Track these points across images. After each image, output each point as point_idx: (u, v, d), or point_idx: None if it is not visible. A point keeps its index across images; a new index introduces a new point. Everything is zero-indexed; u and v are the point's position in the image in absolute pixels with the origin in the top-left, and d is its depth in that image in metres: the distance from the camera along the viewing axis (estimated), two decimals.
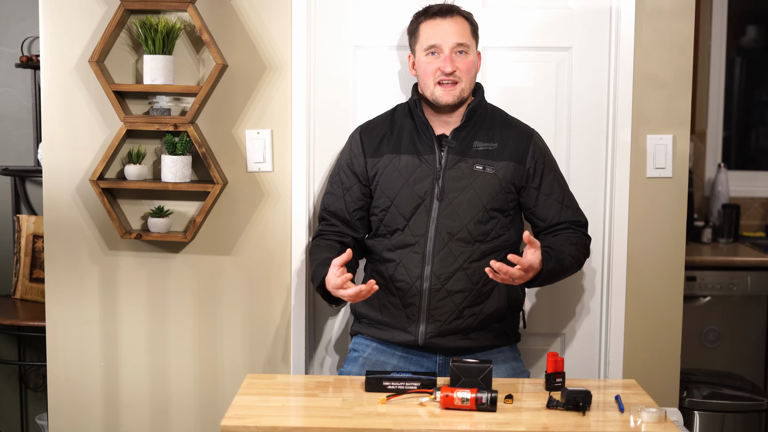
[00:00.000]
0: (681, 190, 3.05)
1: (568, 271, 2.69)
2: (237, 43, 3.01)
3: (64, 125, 3.06)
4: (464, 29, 2.69)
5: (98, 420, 3.15)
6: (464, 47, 2.67)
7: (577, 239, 2.72)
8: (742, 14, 4.88)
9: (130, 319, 3.12)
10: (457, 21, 2.69)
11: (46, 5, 3.03)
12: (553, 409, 2.31)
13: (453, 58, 2.66)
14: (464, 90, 2.68)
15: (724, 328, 4.14)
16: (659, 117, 3.02)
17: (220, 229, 3.08)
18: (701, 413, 3.56)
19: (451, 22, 2.68)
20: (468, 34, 2.69)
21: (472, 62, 2.69)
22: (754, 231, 4.68)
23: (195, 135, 2.95)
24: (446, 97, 2.66)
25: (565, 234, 2.72)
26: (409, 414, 2.27)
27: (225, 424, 2.20)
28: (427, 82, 2.69)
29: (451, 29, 2.67)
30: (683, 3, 2.99)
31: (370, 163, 2.76)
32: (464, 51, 2.67)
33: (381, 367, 2.72)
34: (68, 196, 3.09)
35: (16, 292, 3.92)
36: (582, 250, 2.73)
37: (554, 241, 2.68)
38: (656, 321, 3.07)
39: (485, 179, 2.68)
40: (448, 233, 2.66)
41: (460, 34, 2.67)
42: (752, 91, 4.93)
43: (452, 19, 2.69)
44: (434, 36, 2.68)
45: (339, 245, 2.76)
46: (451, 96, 2.66)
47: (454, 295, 2.65)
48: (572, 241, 2.70)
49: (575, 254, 2.69)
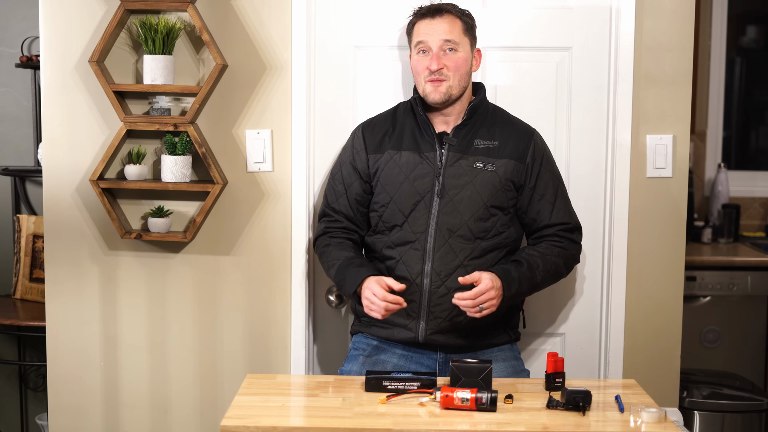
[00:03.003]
0: (681, 190, 3.05)
1: (541, 284, 2.71)
2: (237, 43, 3.01)
3: (64, 125, 3.06)
4: (453, 27, 2.70)
5: (98, 420, 3.15)
6: (452, 44, 2.68)
7: (560, 250, 2.72)
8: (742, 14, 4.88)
9: (130, 319, 3.12)
10: (446, 19, 2.71)
11: (46, 5, 3.03)
12: (553, 409, 2.31)
13: (440, 56, 2.67)
14: (452, 87, 2.69)
15: (724, 328, 4.15)
16: (659, 117, 3.02)
17: (220, 229, 3.08)
18: (701, 413, 3.56)
19: (440, 20, 2.70)
20: (458, 32, 2.70)
21: (461, 59, 2.70)
22: (754, 231, 4.68)
23: (195, 135, 2.95)
24: (434, 95, 2.68)
25: (548, 242, 2.73)
26: (409, 414, 2.27)
27: (225, 424, 2.20)
28: (419, 80, 2.72)
29: (439, 27, 2.69)
30: (683, 3, 2.99)
31: (371, 160, 2.77)
32: (453, 48, 2.69)
33: (381, 365, 2.72)
34: (68, 196, 3.09)
35: (16, 292, 3.92)
36: (563, 259, 2.72)
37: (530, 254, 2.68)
38: (656, 321, 3.07)
39: (486, 177, 2.69)
40: (449, 230, 2.67)
41: (447, 31, 2.69)
42: (752, 91, 4.93)
43: (441, 18, 2.71)
44: (423, 34, 2.71)
45: (351, 243, 2.78)
46: (438, 93, 2.67)
47: (454, 292, 2.65)
48: (554, 252, 2.70)
49: (551, 267, 2.69)
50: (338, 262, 2.72)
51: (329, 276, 2.78)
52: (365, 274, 2.63)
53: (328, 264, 2.76)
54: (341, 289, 2.74)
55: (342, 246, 2.76)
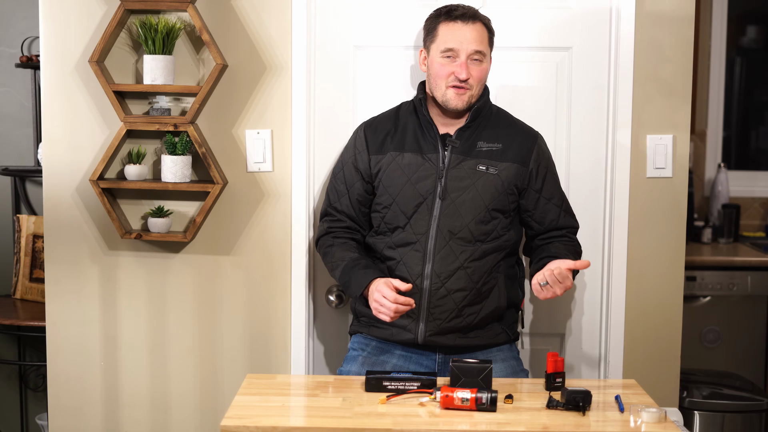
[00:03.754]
0: (681, 190, 3.05)
1: None
2: (237, 43, 3.01)
3: (64, 125, 3.06)
4: (483, 37, 2.67)
5: (98, 420, 3.15)
6: (480, 55, 2.66)
7: (573, 247, 2.75)
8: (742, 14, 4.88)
9: (130, 319, 3.12)
10: (477, 28, 2.66)
11: (46, 5, 3.03)
12: (553, 409, 2.31)
13: (468, 65, 2.65)
14: (473, 96, 2.68)
15: (724, 328, 4.15)
16: (659, 117, 3.02)
17: (220, 229, 3.08)
18: (701, 413, 3.56)
19: (472, 28, 2.66)
20: (485, 42, 2.68)
21: (485, 70, 2.69)
22: (754, 231, 4.68)
23: (195, 135, 2.95)
24: (456, 102, 2.66)
25: (561, 241, 2.74)
26: (409, 414, 2.28)
27: (225, 424, 2.20)
28: (439, 84, 2.68)
29: (471, 36, 2.65)
30: (683, 3, 2.99)
31: (373, 160, 2.76)
32: (479, 59, 2.66)
33: (380, 366, 2.72)
34: (68, 196, 3.09)
35: (16, 292, 3.92)
36: (577, 258, 2.74)
37: (556, 250, 2.70)
38: (656, 321, 3.07)
39: (488, 179, 2.68)
40: (450, 232, 2.67)
41: (479, 41, 2.65)
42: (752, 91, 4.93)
43: (473, 25, 2.66)
44: (453, 40, 2.65)
45: (354, 243, 2.78)
46: (461, 101, 2.66)
47: (454, 293, 2.65)
48: (569, 249, 2.72)
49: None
50: (343, 263, 2.71)
51: (333, 276, 2.78)
52: (372, 276, 2.63)
53: (333, 264, 2.76)
54: (347, 291, 2.73)
55: (346, 246, 2.76)
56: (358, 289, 2.65)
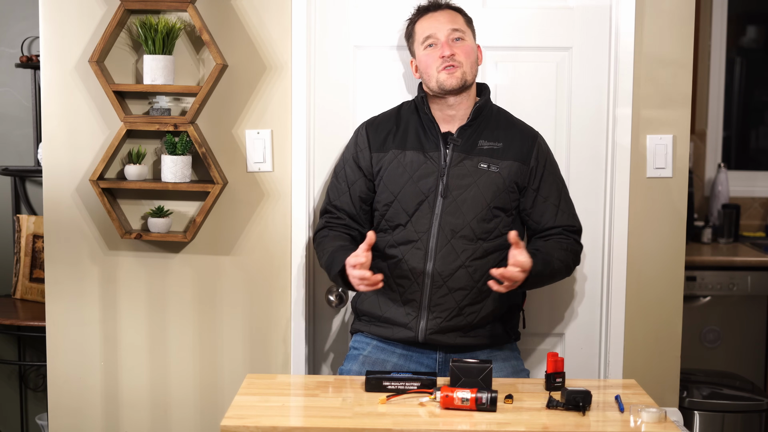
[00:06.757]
0: (681, 190, 3.05)
1: (556, 275, 2.71)
2: (237, 43, 3.01)
3: (64, 125, 3.06)
4: (456, 17, 2.74)
5: (98, 420, 3.15)
6: (460, 33, 2.71)
7: (568, 245, 2.73)
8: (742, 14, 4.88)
9: (130, 319, 3.12)
10: (447, 12, 2.75)
11: (46, 5, 3.03)
12: (553, 409, 2.31)
13: (451, 44, 2.69)
14: (466, 74, 2.69)
15: (724, 328, 4.15)
16: (659, 117, 3.02)
17: (220, 229, 3.08)
18: (701, 413, 3.56)
19: (442, 13, 2.74)
20: (461, 22, 2.74)
21: (470, 47, 2.72)
22: (754, 231, 4.68)
23: (195, 135, 2.95)
24: (450, 80, 2.67)
25: (556, 239, 2.73)
26: (409, 414, 2.28)
27: (225, 424, 2.20)
28: (431, 73, 2.70)
29: (443, 18, 2.72)
30: (683, 3, 3.00)
31: (375, 158, 2.77)
32: (460, 38, 2.71)
33: (381, 365, 2.72)
34: (68, 196, 3.09)
35: (16, 292, 3.92)
36: (572, 256, 2.73)
37: (544, 244, 2.70)
38: (656, 321, 3.07)
39: (489, 178, 2.69)
40: (451, 230, 2.67)
41: (452, 21, 2.72)
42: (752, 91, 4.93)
43: (444, 11, 2.75)
44: (428, 28, 2.72)
45: (349, 237, 2.77)
46: (454, 78, 2.67)
47: (455, 292, 2.65)
48: (563, 246, 2.71)
49: (564, 259, 2.70)
50: (331, 249, 2.71)
51: (321, 265, 2.77)
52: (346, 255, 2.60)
53: (322, 253, 2.75)
54: (329, 273, 2.70)
55: (338, 237, 2.76)
56: (337, 266, 2.62)
